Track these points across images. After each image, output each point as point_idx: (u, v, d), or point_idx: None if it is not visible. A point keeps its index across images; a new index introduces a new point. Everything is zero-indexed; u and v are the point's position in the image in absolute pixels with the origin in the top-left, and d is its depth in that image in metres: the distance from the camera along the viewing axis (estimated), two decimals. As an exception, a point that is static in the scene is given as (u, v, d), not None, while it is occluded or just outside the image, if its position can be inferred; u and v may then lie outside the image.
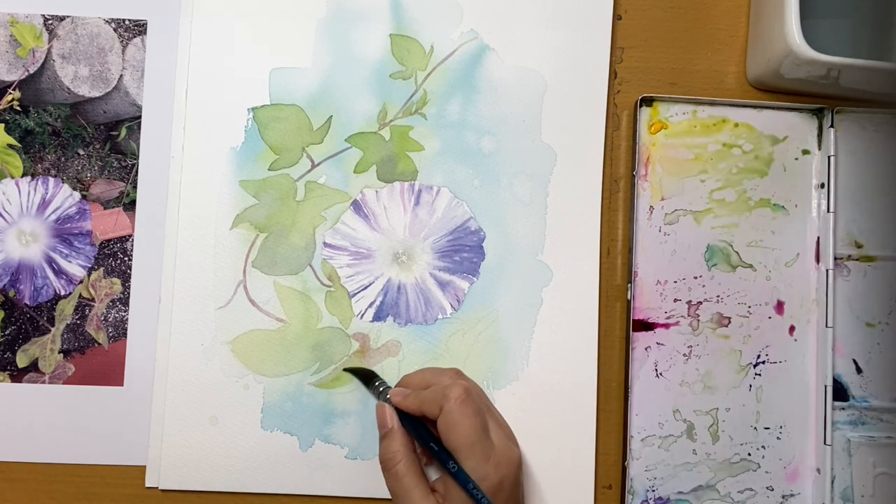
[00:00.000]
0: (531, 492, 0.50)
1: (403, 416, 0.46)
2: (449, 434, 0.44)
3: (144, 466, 0.50)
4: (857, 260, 0.52)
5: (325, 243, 0.51)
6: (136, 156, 0.52)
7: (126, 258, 0.51)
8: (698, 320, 0.51)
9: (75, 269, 0.51)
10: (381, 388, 0.48)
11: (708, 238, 0.52)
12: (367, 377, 0.49)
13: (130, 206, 0.52)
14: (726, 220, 0.52)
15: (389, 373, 0.51)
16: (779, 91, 0.53)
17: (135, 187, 0.52)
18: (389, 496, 0.50)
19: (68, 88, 0.52)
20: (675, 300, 0.51)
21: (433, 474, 0.46)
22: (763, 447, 0.51)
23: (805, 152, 0.52)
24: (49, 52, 0.52)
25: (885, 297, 0.52)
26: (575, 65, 0.52)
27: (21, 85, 0.52)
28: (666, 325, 0.51)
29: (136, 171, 0.52)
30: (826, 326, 0.51)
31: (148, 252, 0.51)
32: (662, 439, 0.51)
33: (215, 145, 0.52)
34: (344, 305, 0.51)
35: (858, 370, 0.51)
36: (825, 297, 0.51)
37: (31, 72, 0.52)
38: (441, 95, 0.52)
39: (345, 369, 0.50)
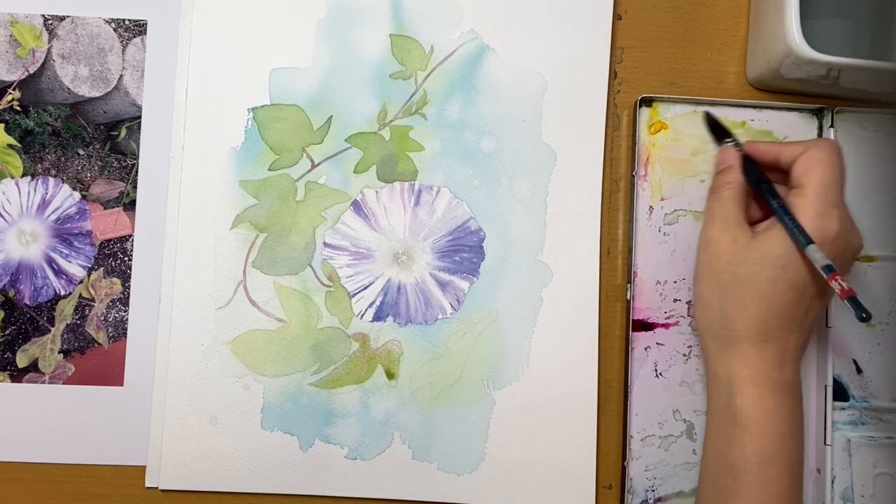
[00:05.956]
0: (531, 492, 0.50)
1: (749, 167, 0.47)
2: (809, 169, 0.44)
3: (144, 466, 0.50)
4: (857, 260, 0.52)
5: (325, 243, 0.51)
6: (136, 156, 0.52)
7: (126, 258, 0.51)
8: (698, 320, 0.51)
9: (75, 269, 0.51)
10: (730, 142, 0.49)
11: (708, 238, 0.52)
12: (722, 133, 0.50)
13: (130, 206, 0.52)
14: (726, 220, 0.52)
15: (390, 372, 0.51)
16: (779, 91, 0.53)
17: (135, 187, 0.52)
18: (389, 496, 0.50)
19: (68, 88, 0.52)
20: (675, 300, 0.51)
21: None
22: (763, 447, 0.51)
23: (805, 152, 0.52)
24: (49, 52, 0.52)
25: (885, 297, 0.52)
26: (575, 65, 0.52)
27: (21, 85, 0.52)
28: (666, 325, 0.51)
29: (136, 171, 0.52)
30: (826, 326, 0.51)
31: (148, 252, 0.51)
32: (662, 439, 0.51)
33: (215, 145, 0.52)
34: (344, 305, 0.51)
35: (858, 370, 0.51)
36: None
37: (31, 72, 0.52)
38: (441, 95, 0.52)
39: (706, 113, 0.51)
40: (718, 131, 0.51)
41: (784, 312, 0.44)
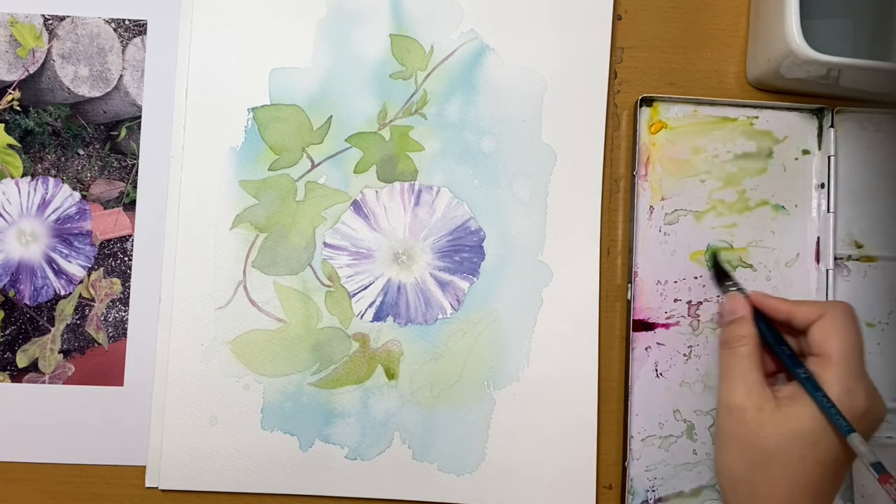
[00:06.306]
0: (531, 492, 0.50)
1: (758, 318, 0.46)
2: (828, 338, 0.43)
3: (144, 466, 0.50)
4: (857, 260, 0.52)
5: (325, 243, 0.51)
6: (136, 156, 0.52)
7: (126, 258, 0.51)
8: (698, 320, 0.51)
9: (75, 269, 0.51)
10: (734, 287, 0.48)
11: (708, 238, 0.52)
12: (722, 275, 0.49)
13: (130, 206, 0.52)
14: (726, 220, 0.52)
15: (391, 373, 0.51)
16: (779, 91, 0.53)
17: (135, 187, 0.52)
18: (389, 496, 0.50)
19: (68, 88, 0.52)
20: (675, 300, 0.51)
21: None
22: (763, 447, 0.51)
23: (805, 152, 0.52)
24: (49, 52, 0.52)
25: (885, 297, 0.52)
26: (575, 65, 0.52)
27: (21, 85, 0.52)
28: (666, 325, 0.51)
29: (136, 171, 0.52)
30: (826, 326, 0.51)
31: (148, 252, 0.51)
32: (662, 439, 0.51)
33: (215, 145, 0.52)
34: (344, 305, 0.51)
35: (858, 370, 0.51)
36: (825, 297, 0.51)
37: (31, 72, 0.52)
38: (441, 95, 0.52)
39: (713, 252, 0.51)
40: (720, 272, 0.50)
41: (813, 487, 0.43)
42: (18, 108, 0.52)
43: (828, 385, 0.43)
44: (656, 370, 0.51)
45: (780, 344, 0.45)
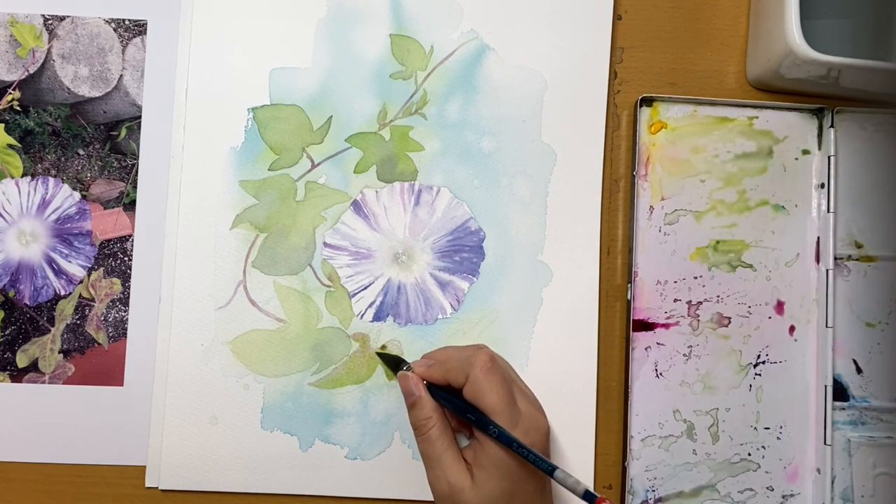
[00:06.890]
0: (531, 492, 0.50)
1: (433, 387, 0.46)
2: (476, 401, 0.44)
3: (144, 466, 0.50)
4: (857, 260, 0.52)
5: (325, 243, 0.51)
6: (136, 156, 0.52)
7: (126, 258, 0.51)
8: (698, 320, 0.51)
9: (75, 269, 0.51)
10: (405, 368, 0.48)
11: (708, 238, 0.52)
12: (397, 363, 0.49)
13: (130, 206, 0.52)
14: (726, 220, 0.52)
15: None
16: (779, 91, 0.53)
17: (135, 187, 0.52)
18: (389, 496, 0.51)
19: (68, 88, 0.52)
20: (675, 300, 0.51)
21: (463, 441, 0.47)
22: (763, 447, 0.51)
23: (805, 152, 0.52)
24: (49, 52, 0.52)
25: (885, 297, 0.52)
26: (575, 65, 0.52)
27: (21, 85, 0.52)
28: (666, 325, 0.51)
29: (136, 171, 0.52)
30: (826, 326, 0.51)
31: (148, 252, 0.51)
32: (662, 439, 0.51)
33: (215, 145, 0.52)
34: (344, 305, 0.51)
35: (858, 370, 0.51)
36: (825, 297, 0.51)
37: (31, 72, 0.52)
38: (441, 95, 0.52)
39: (377, 352, 0.51)
40: (392, 363, 0.49)
41: None
42: (18, 108, 0.52)
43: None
44: (656, 370, 0.51)
45: (464, 413, 0.45)
